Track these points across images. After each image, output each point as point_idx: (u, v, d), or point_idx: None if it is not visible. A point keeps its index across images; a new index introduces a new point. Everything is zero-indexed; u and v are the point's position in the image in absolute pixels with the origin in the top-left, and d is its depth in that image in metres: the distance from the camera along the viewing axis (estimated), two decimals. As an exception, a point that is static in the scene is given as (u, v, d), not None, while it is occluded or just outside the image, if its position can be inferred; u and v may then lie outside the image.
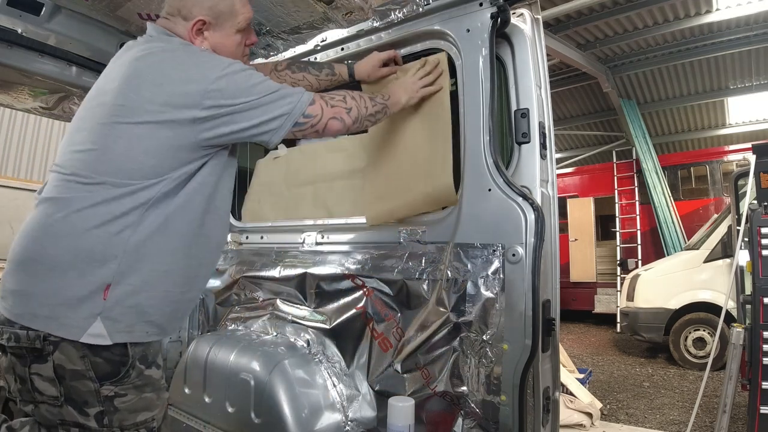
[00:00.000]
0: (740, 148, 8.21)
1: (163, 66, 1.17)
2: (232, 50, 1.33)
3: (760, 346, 2.71)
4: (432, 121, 1.61)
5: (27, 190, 6.79)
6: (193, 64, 1.18)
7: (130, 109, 1.12)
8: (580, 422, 3.36)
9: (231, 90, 1.15)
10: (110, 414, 1.11)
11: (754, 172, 3.03)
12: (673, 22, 7.04)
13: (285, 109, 1.21)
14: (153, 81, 1.14)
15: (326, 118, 1.29)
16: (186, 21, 1.26)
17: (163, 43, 1.23)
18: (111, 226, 1.10)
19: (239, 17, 1.31)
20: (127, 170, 1.12)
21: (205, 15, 1.26)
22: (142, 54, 1.19)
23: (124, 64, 1.19)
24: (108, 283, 1.10)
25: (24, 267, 1.12)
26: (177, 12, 1.27)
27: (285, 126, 1.22)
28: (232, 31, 1.32)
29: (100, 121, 1.15)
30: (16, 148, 9.10)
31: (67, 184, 1.14)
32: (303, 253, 1.99)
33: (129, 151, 1.12)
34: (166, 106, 1.12)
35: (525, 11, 1.53)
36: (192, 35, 1.26)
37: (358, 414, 1.66)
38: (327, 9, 1.70)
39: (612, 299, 8.71)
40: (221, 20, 1.29)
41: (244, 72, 1.19)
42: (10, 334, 1.09)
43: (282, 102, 1.21)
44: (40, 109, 2.55)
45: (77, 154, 1.16)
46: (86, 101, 1.24)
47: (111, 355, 1.11)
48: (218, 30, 1.29)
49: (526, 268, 1.35)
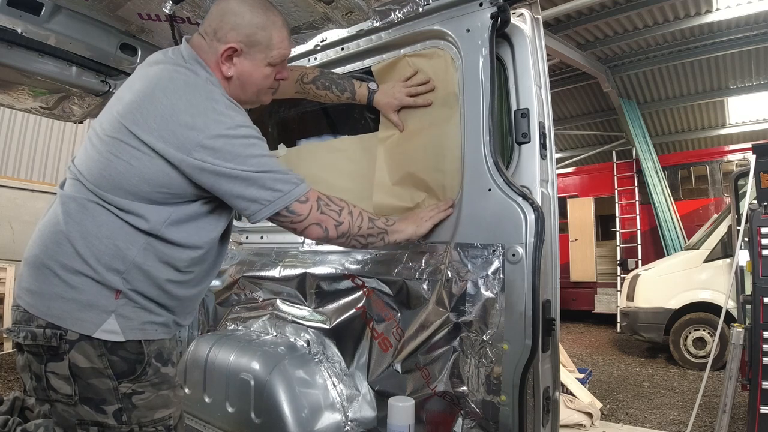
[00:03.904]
0: (740, 148, 8.21)
1: (177, 103, 1.13)
2: (258, 82, 1.29)
3: (760, 346, 2.71)
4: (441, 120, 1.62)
5: (27, 190, 6.78)
6: (203, 112, 1.13)
7: (134, 133, 1.12)
8: (580, 422, 3.36)
9: (223, 152, 1.12)
10: (128, 411, 1.13)
11: (754, 172, 3.03)
12: (673, 22, 7.04)
13: (269, 195, 1.17)
14: (162, 113, 1.12)
15: (309, 222, 1.24)
16: (219, 44, 1.22)
17: (190, 73, 1.19)
18: (118, 241, 1.13)
19: (274, 51, 1.27)
20: (125, 189, 1.13)
21: (239, 42, 1.22)
22: (165, 80, 1.16)
23: (145, 83, 1.17)
24: (118, 289, 1.13)
25: (40, 270, 1.14)
26: (213, 33, 1.23)
27: (263, 213, 1.18)
28: (263, 63, 1.27)
29: (110, 134, 1.15)
30: (16, 148, 9.09)
31: (81, 187, 1.16)
32: (303, 253, 1.99)
33: (127, 172, 1.12)
34: (162, 141, 1.11)
35: (525, 11, 1.53)
36: (220, 61, 1.22)
37: (358, 414, 1.66)
38: (327, 9, 1.70)
39: (612, 299, 8.71)
40: (254, 51, 1.24)
41: (246, 140, 1.15)
42: (27, 332, 1.11)
43: (270, 185, 1.17)
44: (40, 109, 2.55)
45: (88, 161, 1.18)
46: (107, 107, 1.24)
47: (127, 353, 1.14)
48: (248, 59, 1.25)
49: (526, 268, 1.35)
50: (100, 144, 1.16)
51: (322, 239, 1.30)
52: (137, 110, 1.13)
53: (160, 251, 1.17)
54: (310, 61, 2.01)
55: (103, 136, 1.17)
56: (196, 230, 1.21)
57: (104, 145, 1.15)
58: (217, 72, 1.24)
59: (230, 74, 1.24)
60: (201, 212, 1.21)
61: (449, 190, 1.59)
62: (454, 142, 1.57)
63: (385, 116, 1.72)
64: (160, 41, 2.01)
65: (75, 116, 2.63)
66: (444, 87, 1.62)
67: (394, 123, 1.70)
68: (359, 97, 1.70)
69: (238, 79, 1.26)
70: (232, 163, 1.12)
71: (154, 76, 1.17)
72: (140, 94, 1.15)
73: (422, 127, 1.67)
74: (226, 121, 1.14)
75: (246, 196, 1.16)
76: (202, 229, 1.23)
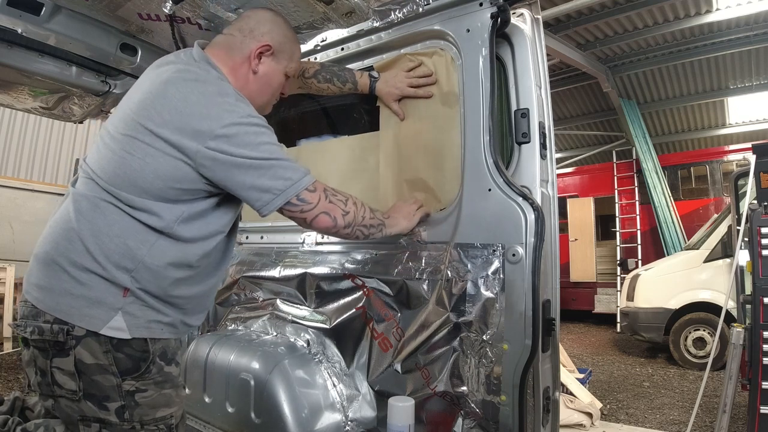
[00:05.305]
0: (740, 148, 8.22)
1: (190, 96, 1.15)
2: (275, 86, 1.38)
3: (760, 346, 2.71)
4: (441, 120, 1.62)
5: (27, 190, 6.79)
6: (216, 103, 1.16)
7: (149, 129, 1.14)
8: (580, 422, 3.36)
9: (237, 140, 1.14)
10: (131, 409, 1.14)
11: (754, 172, 3.03)
12: (673, 22, 7.04)
13: (280, 184, 1.18)
14: (176, 106, 1.14)
15: (319, 211, 1.25)
16: (255, 41, 1.31)
17: (201, 71, 1.22)
18: (129, 240, 1.14)
19: (293, 64, 1.41)
20: (139, 187, 1.14)
21: (272, 42, 1.32)
22: (176, 77, 1.19)
23: (157, 82, 1.19)
24: (126, 287, 1.14)
25: (50, 266, 1.14)
26: (249, 31, 1.32)
27: (275, 203, 1.19)
28: (283, 70, 1.38)
29: (123, 132, 1.17)
30: (16, 148, 9.09)
31: (94, 186, 1.17)
32: (303, 253, 1.99)
33: (141, 169, 1.14)
34: (177, 133, 1.13)
35: (525, 11, 1.53)
36: (254, 55, 1.30)
37: (358, 414, 1.66)
38: (327, 9, 1.70)
39: (612, 299, 8.71)
40: (281, 56, 1.36)
41: (258, 128, 1.18)
42: (34, 327, 1.12)
43: (281, 174, 1.18)
44: (40, 109, 2.55)
45: (101, 160, 1.19)
46: (119, 107, 1.26)
47: (132, 350, 1.14)
48: (275, 61, 1.35)
49: (526, 268, 1.35)
50: (113, 143, 1.18)
51: (330, 229, 1.31)
52: (150, 106, 1.15)
53: (169, 249, 1.18)
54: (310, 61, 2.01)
55: (116, 135, 1.18)
56: (205, 225, 1.23)
57: (118, 143, 1.17)
58: (231, 74, 1.29)
59: (257, 70, 1.32)
60: (209, 207, 1.23)
61: (449, 190, 1.60)
62: (454, 142, 1.57)
63: (386, 105, 1.73)
64: (160, 41, 2.01)
65: (75, 116, 2.63)
66: (444, 87, 1.62)
67: (395, 111, 1.70)
68: (361, 86, 1.71)
69: (262, 77, 1.33)
70: (245, 150, 1.14)
71: (165, 75, 1.20)
72: (152, 91, 1.18)
73: (422, 127, 1.67)
74: (238, 111, 1.17)
75: (258, 186, 1.17)
76: (210, 224, 1.24)
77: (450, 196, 1.59)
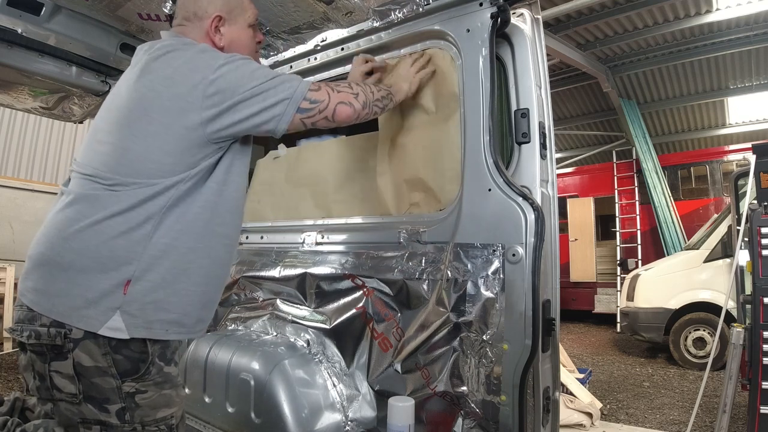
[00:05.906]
0: (740, 148, 8.20)
1: (173, 60, 1.20)
2: (247, 43, 1.39)
3: (760, 346, 2.71)
4: (441, 120, 1.62)
5: (27, 190, 6.78)
6: (200, 57, 1.21)
7: (144, 107, 1.16)
8: (580, 422, 3.36)
9: (232, 77, 1.18)
10: (131, 410, 1.13)
11: (754, 172, 3.03)
12: (673, 22, 7.04)
13: (285, 93, 1.21)
14: (164, 74, 1.18)
15: (334, 103, 1.29)
16: (202, 21, 1.31)
17: (175, 41, 1.27)
18: (134, 232, 1.13)
19: (248, 12, 1.39)
20: (147, 170, 1.14)
21: (220, 10, 1.32)
22: (155, 54, 1.23)
23: (139, 64, 1.23)
24: (128, 278, 1.12)
25: (46, 267, 1.14)
26: (192, 15, 1.32)
27: (288, 111, 1.22)
28: (245, 26, 1.38)
29: (118, 122, 1.18)
30: (16, 148, 9.08)
31: (91, 185, 1.16)
32: (303, 253, 1.99)
33: (147, 151, 1.14)
34: (175, 98, 1.15)
35: (525, 11, 1.53)
36: (211, 32, 1.32)
37: (358, 414, 1.66)
38: (327, 9, 1.70)
39: (612, 299, 8.71)
40: (234, 15, 1.36)
41: (243, 59, 1.23)
42: (31, 331, 1.11)
43: (282, 87, 1.22)
44: (40, 109, 2.55)
45: (99, 156, 1.18)
46: (106, 103, 1.27)
47: (131, 352, 1.13)
48: (233, 25, 1.35)
49: (526, 268, 1.35)
50: (109, 136, 1.18)
51: (352, 116, 1.33)
52: (142, 85, 1.18)
53: (169, 245, 1.16)
54: (310, 61, 2.01)
55: (111, 128, 1.19)
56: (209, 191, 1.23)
57: (113, 135, 1.17)
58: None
59: (222, 44, 1.33)
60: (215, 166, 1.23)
61: (449, 190, 1.60)
62: (454, 142, 1.57)
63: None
64: (160, 41, 2.01)
65: (75, 116, 2.63)
66: (444, 87, 1.62)
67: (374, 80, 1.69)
68: None
69: (232, 45, 1.35)
70: (244, 82, 1.18)
71: (146, 59, 1.23)
72: (138, 74, 1.21)
73: (422, 126, 1.67)
74: (222, 55, 1.23)
75: (267, 106, 1.20)
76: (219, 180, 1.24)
77: (450, 196, 1.59)
